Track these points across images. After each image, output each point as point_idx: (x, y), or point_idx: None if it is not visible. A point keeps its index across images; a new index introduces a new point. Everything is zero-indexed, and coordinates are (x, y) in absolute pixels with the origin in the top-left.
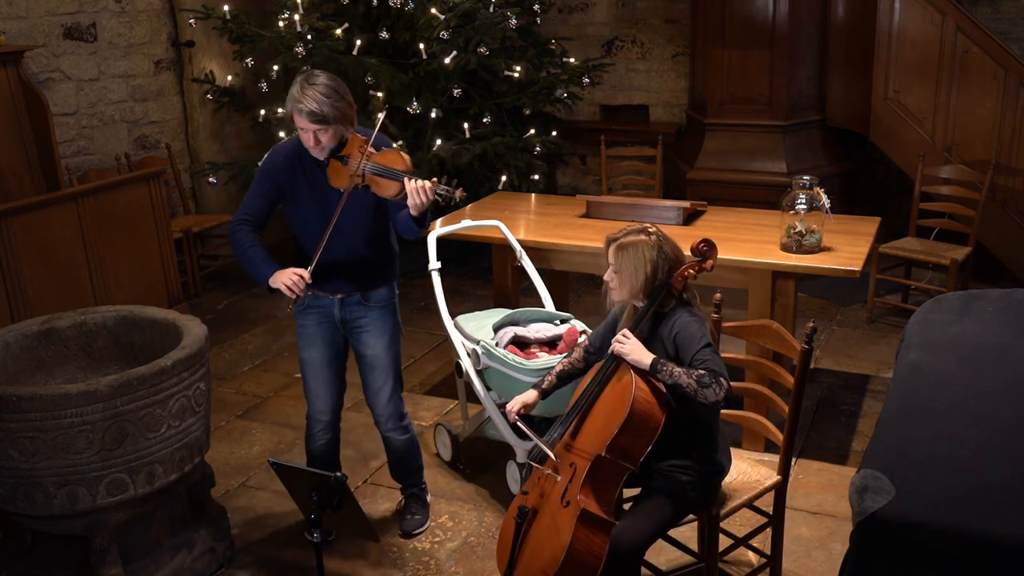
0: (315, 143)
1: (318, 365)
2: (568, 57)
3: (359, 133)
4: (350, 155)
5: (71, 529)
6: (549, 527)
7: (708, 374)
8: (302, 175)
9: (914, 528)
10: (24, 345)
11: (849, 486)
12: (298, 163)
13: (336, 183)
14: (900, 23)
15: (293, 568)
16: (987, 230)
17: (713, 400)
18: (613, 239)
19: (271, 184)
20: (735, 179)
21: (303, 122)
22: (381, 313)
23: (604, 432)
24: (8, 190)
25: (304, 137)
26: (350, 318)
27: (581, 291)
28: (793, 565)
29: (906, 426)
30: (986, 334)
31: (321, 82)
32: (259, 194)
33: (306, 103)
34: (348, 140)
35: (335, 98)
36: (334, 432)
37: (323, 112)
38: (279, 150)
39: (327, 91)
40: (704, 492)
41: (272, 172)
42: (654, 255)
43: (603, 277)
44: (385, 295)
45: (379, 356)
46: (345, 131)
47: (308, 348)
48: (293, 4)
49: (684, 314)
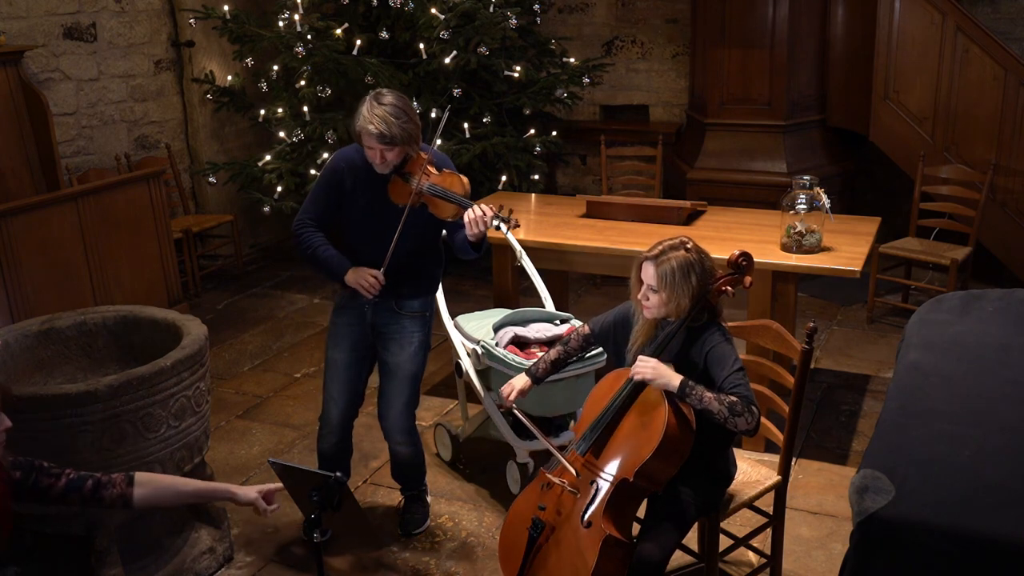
0: (381, 160)
1: (339, 367)
2: (568, 57)
3: (423, 151)
4: (412, 173)
5: (71, 529)
6: (569, 547)
7: (741, 402)
8: (365, 184)
9: (914, 528)
10: (24, 345)
11: (849, 486)
12: (362, 172)
13: (396, 199)
14: (900, 23)
15: (293, 568)
16: (987, 230)
17: (743, 428)
18: (649, 257)
19: (335, 189)
20: (735, 179)
21: (371, 141)
22: (412, 323)
23: (633, 457)
24: (8, 190)
25: (370, 154)
26: (380, 323)
27: (581, 291)
28: (793, 565)
29: (906, 426)
30: (986, 334)
31: (389, 102)
32: (321, 197)
33: (375, 124)
34: (412, 157)
35: (404, 119)
36: (340, 436)
37: (391, 133)
38: (344, 156)
39: (395, 112)
40: (714, 502)
41: (336, 177)
42: (698, 271)
43: (636, 296)
44: (419, 306)
45: (401, 365)
46: (410, 149)
47: (334, 348)
48: (293, 4)
49: (716, 331)
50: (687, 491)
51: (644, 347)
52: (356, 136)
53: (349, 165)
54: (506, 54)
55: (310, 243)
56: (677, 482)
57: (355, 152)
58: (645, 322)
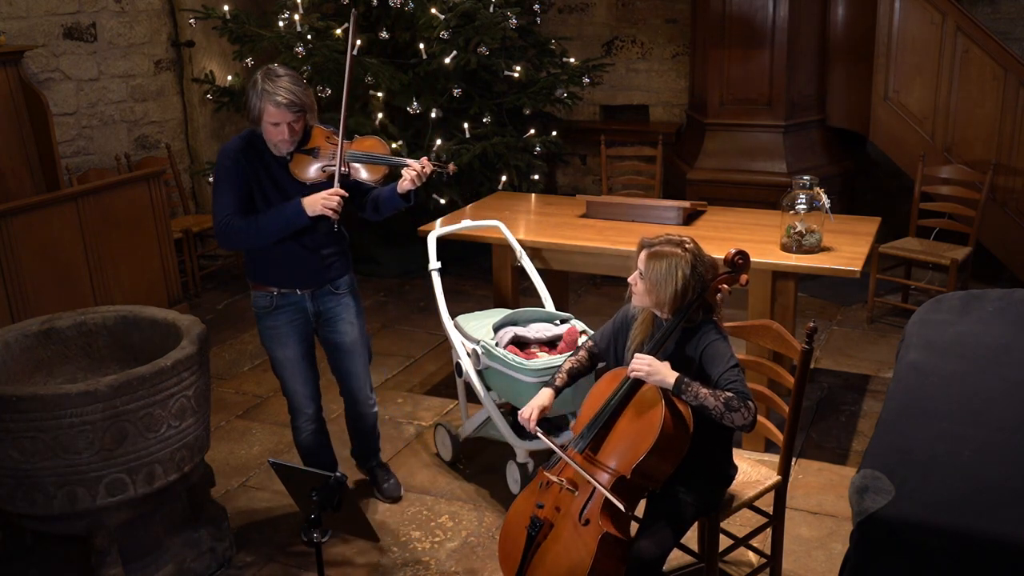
0: (289, 134)
1: (295, 362)
2: (568, 57)
3: (321, 126)
4: (319, 147)
5: (71, 529)
6: (567, 545)
7: (736, 397)
8: (262, 169)
9: (914, 528)
10: (24, 345)
11: (849, 486)
12: (255, 158)
13: (302, 176)
14: (900, 23)
15: (293, 568)
16: (987, 230)
17: (740, 424)
18: (648, 244)
19: (239, 178)
20: (735, 179)
21: (281, 114)
22: (349, 298)
23: (630, 454)
24: (8, 190)
25: (275, 132)
26: (324, 309)
27: (581, 291)
28: (793, 565)
29: (906, 426)
30: (986, 334)
31: (284, 72)
32: (229, 190)
33: (282, 94)
34: (311, 133)
35: (303, 86)
36: (319, 423)
37: (300, 100)
38: (230, 149)
39: (295, 80)
40: (714, 502)
41: (236, 168)
42: (686, 272)
43: (627, 279)
44: (350, 280)
45: (356, 340)
46: (311, 119)
47: (282, 348)
48: (293, 4)
49: (711, 329)
50: (686, 491)
51: (641, 346)
52: (254, 119)
53: (240, 155)
54: (506, 54)
55: (240, 227)
56: (676, 482)
57: (240, 142)
58: (642, 321)
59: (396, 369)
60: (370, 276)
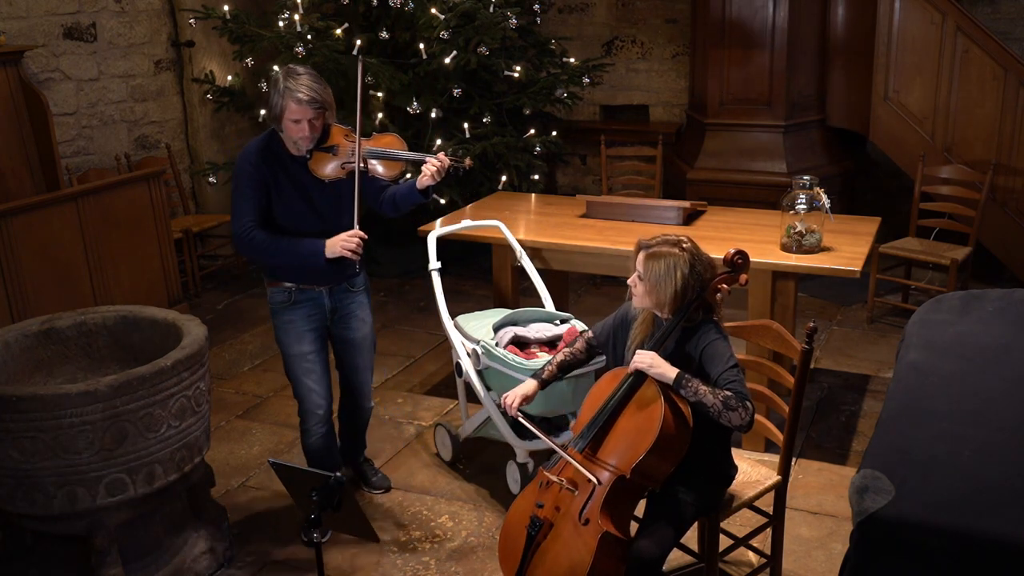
0: (309, 133)
1: (312, 358)
2: (568, 57)
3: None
4: (338, 144)
5: (71, 529)
6: (567, 544)
7: (735, 396)
8: (281, 170)
9: (914, 528)
10: (24, 345)
11: (849, 486)
12: (273, 159)
13: (322, 173)
14: (900, 23)
15: (293, 568)
16: (987, 230)
17: (737, 424)
18: (645, 245)
19: (259, 184)
20: (735, 179)
21: (302, 111)
22: (363, 296)
23: (630, 453)
24: (8, 190)
25: (296, 129)
26: (340, 305)
27: (581, 291)
28: (793, 565)
29: (906, 426)
30: (986, 334)
31: (306, 71)
32: (249, 197)
33: (303, 92)
34: (330, 132)
35: (324, 84)
36: (330, 424)
37: (322, 97)
38: (249, 153)
39: (316, 78)
40: (714, 502)
41: (254, 172)
42: (685, 271)
43: (627, 281)
44: (364, 278)
45: (367, 336)
46: (331, 117)
47: (298, 343)
48: (293, 4)
49: (711, 329)
50: (686, 491)
51: (642, 344)
52: (276, 116)
53: (260, 158)
54: (506, 54)
55: (262, 243)
56: (676, 482)
57: (258, 145)
58: (643, 320)
59: (396, 369)
60: (370, 276)
